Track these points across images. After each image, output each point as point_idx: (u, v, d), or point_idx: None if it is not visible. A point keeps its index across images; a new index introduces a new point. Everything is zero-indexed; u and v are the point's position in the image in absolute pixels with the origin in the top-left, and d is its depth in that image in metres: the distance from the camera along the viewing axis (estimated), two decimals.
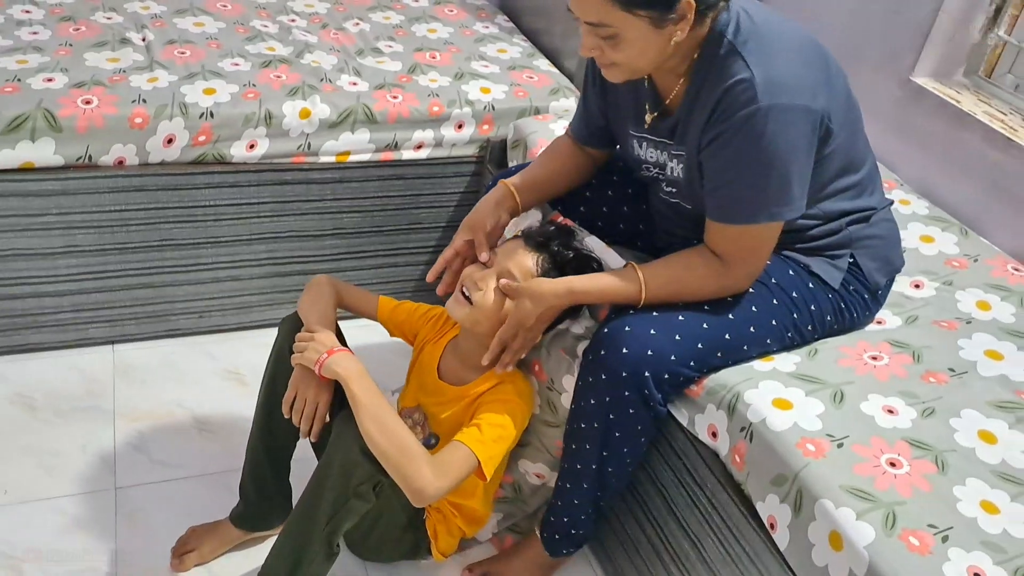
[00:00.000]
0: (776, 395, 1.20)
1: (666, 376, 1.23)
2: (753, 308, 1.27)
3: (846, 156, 1.27)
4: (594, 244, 1.44)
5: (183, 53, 1.90)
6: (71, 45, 1.83)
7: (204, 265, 1.89)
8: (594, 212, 1.54)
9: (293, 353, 1.28)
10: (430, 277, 1.38)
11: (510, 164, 1.93)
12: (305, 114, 1.78)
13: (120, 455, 1.65)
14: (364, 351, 1.39)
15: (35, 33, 1.86)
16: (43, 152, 1.58)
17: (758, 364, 1.28)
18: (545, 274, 1.30)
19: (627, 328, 1.23)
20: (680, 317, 1.24)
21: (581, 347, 1.35)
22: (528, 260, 1.30)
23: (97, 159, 1.64)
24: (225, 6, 2.22)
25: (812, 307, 1.30)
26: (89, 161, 1.63)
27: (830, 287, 1.32)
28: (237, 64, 1.90)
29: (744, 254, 1.21)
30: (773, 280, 1.29)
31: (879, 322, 1.40)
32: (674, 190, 1.34)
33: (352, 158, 1.88)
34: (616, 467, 1.32)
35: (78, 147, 1.61)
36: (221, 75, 1.83)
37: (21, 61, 1.72)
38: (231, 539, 1.49)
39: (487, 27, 2.39)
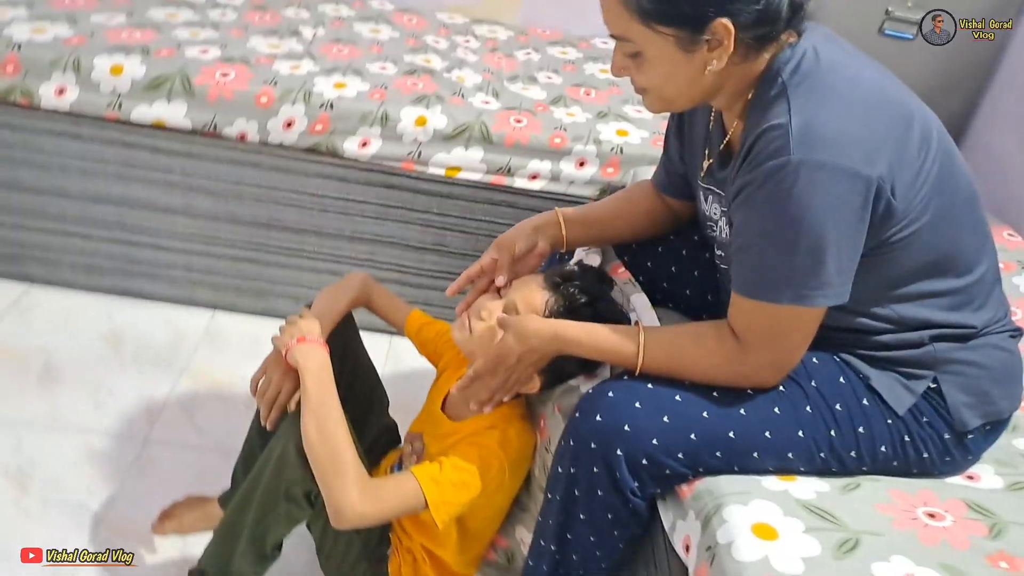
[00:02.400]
0: (762, 519, 0.98)
1: (644, 462, 1.06)
2: (776, 409, 1.06)
3: (936, 251, 1.03)
4: (639, 303, 1.30)
5: (341, 51, 2.04)
6: (247, 28, 2.05)
7: (306, 252, 1.98)
8: (660, 271, 1.40)
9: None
10: (450, 292, 1.32)
11: None
12: (421, 121, 1.82)
13: (166, 409, 1.76)
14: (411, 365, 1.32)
15: (224, 15, 2.10)
16: (175, 113, 1.77)
17: (771, 480, 1.07)
18: (553, 316, 1.18)
19: (610, 394, 1.08)
20: (677, 397, 1.07)
21: None
22: (537, 297, 1.20)
23: (222, 129, 1.80)
24: (411, 20, 2.36)
25: (860, 429, 1.06)
26: (214, 130, 1.80)
27: (891, 411, 1.06)
28: (384, 68, 2.00)
29: (764, 339, 1.02)
30: (813, 383, 1.07)
31: (970, 477, 1.11)
32: (722, 254, 1.18)
33: (462, 175, 1.88)
34: (582, 558, 1.16)
35: (206, 114, 1.78)
36: (361, 74, 1.94)
37: (193, 33, 1.94)
38: (213, 517, 1.52)
39: None
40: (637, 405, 1.06)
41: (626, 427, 1.05)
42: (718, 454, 1.06)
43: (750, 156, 0.98)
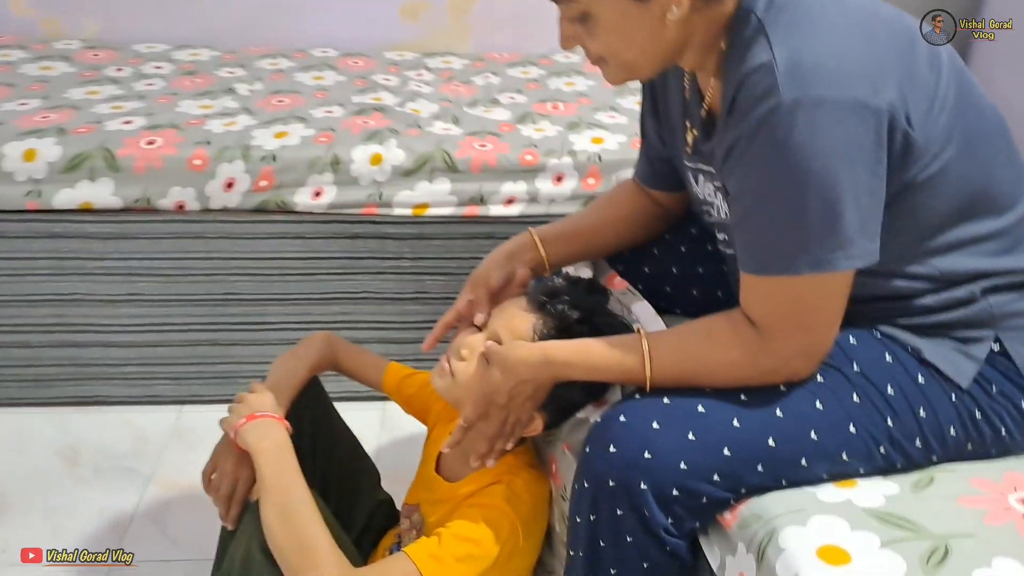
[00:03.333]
0: (827, 540, 0.85)
1: (674, 492, 0.93)
2: (817, 404, 0.93)
3: (969, 188, 0.92)
4: (641, 312, 1.18)
5: (281, 101, 1.96)
6: (176, 94, 1.97)
7: (271, 324, 1.88)
8: (660, 274, 1.29)
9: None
10: (426, 346, 1.21)
11: None
12: (376, 159, 1.73)
13: (134, 523, 1.63)
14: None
15: (150, 84, 2.03)
16: (101, 192, 1.68)
17: (828, 490, 0.93)
18: (544, 340, 1.07)
19: (621, 418, 0.96)
20: (700, 407, 0.94)
21: None
22: (522, 322, 1.08)
23: (156, 202, 1.71)
24: (357, 63, 2.30)
25: (921, 412, 0.93)
26: (148, 204, 1.71)
27: (954, 385, 0.94)
28: (331, 112, 1.92)
29: (787, 322, 0.90)
30: (855, 366, 0.95)
31: None
32: (725, 237, 1.06)
33: (431, 211, 1.78)
34: None
35: (136, 188, 1.69)
36: (304, 120, 1.86)
37: (116, 107, 1.87)
38: None
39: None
40: (655, 426, 0.94)
41: (647, 454, 0.92)
42: (759, 468, 0.93)
43: (734, 109, 0.88)
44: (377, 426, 1.88)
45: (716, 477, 0.93)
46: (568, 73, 2.29)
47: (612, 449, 0.94)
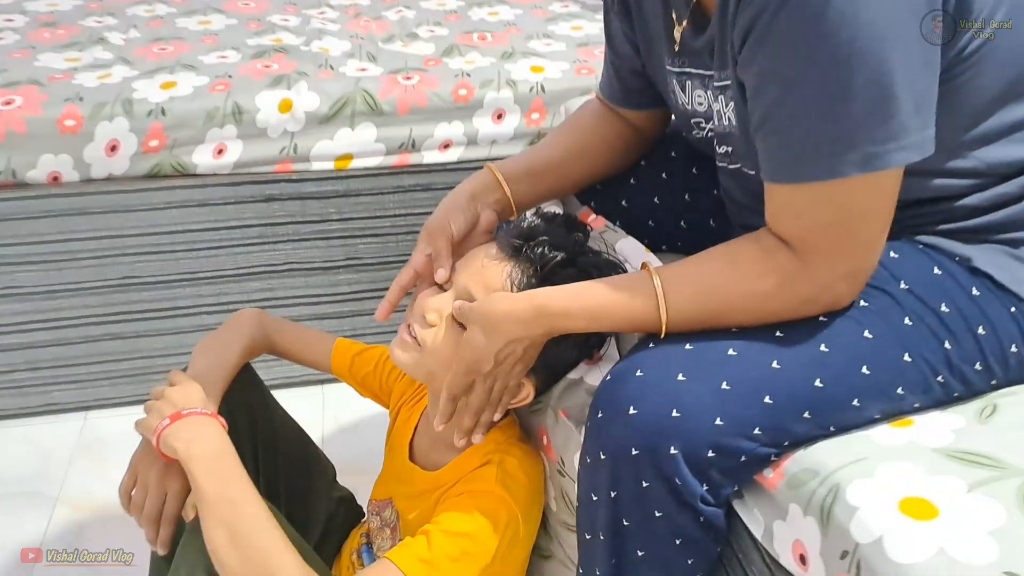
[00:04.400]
0: (906, 491, 0.73)
1: (710, 454, 0.80)
2: (866, 333, 0.81)
3: (1018, 62, 0.80)
4: (628, 249, 1.05)
5: (163, 49, 1.73)
6: (34, 47, 1.72)
7: (183, 309, 1.67)
8: (641, 207, 1.16)
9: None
10: (380, 315, 1.04)
11: None
12: (286, 106, 1.53)
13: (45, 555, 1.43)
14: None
15: (1, 39, 1.76)
16: None
17: (883, 432, 0.82)
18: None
19: (638, 372, 0.82)
20: (731, 350, 0.81)
21: None
22: (496, 273, 0.93)
23: (24, 175, 1.47)
24: (248, 3, 2.07)
25: (980, 330, 0.82)
26: (14, 178, 1.47)
27: (1011, 295, 0.83)
28: (225, 57, 1.71)
29: (830, 238, 0.77)
30: (903, 285, 0.83)
31: None
32: (729, 149, 0.93)
33: (356, 163, 1.60)
34: None
35: None
36: (195, 68, 1.64)
37: None
38: None
39: (566, 6, 2.08)
40: (681, 378, 0.80)
41: (674, 412, 0.79)
42: (806, 415, 0.81)
43: None
44: (319, 412, 1.71)
45: (756, 431, 0.80)
46: (490, 2, 2.11)
47: (632, 411, 0.80)
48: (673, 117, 1.12)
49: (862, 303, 0.82)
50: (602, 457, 0.83)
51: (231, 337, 1.09)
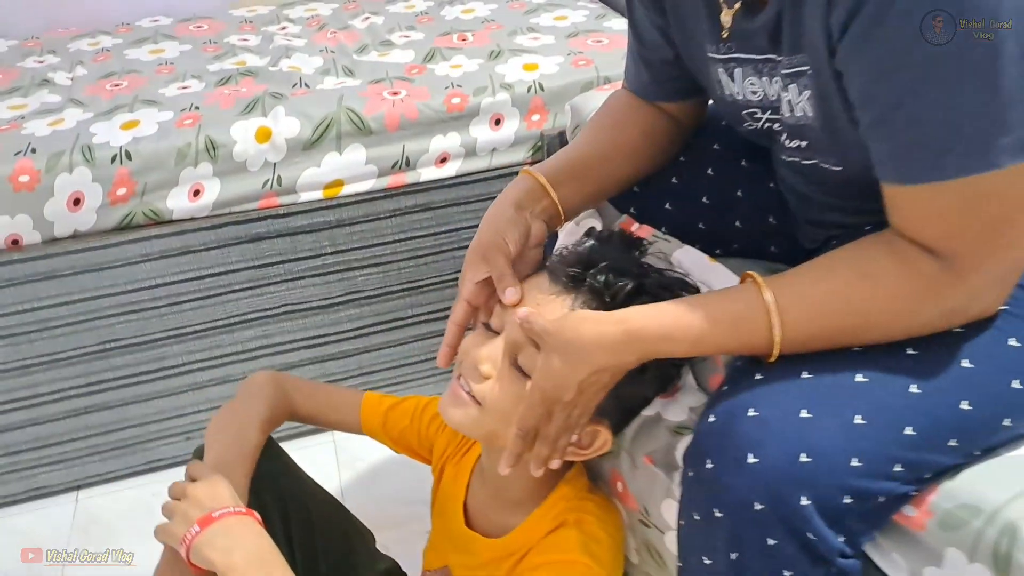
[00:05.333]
0: None
1: (847, 500, 0.68)
2: (1012, 342, 0.70)
3: None
4: (689, 260, 0.93)
5: (117, 86, 1.57)
6: None
7: (173, 368, 1.52)
8: (689, 207, 1.04)
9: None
10: (442, 362, 0.90)
11: None
12: (264, 135, 1.39)
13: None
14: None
15: None
16: None
17: None
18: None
19: (752, 411, 0.70)
20: (859, 376, 0.69)
21: (682, 447, 0.82)
22: (555, 310, 0.80)
23: None
24: (199, 26, 1.91)
25: None
26: None
27: None
28: (186, 87, 1.55)
29: (982, 239, 0.65)
30: None
31: None
32: (802, 143, 0.81)
33: (347, 189, 1.46)
34: None
35: None
36: (156, 103, 1.48)
37: None
38: None
39: None
40: (805, 414, 0.68)
41: (803, 457, 0.67)
42: (952, 443, 0.69)
43: None
44: (332, 460, 1.57)
45: (898, 468, 0.69)
46: (461, 0, 1.98)
47: (751, 459, 0.68)
48: (711, 104, 1.00)
49: (1006, 309, 0.71)
50: (717, 515, 0.71)
51: (248, 410, 0.95)
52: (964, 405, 0.69)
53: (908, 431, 0.68)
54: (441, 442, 1.03)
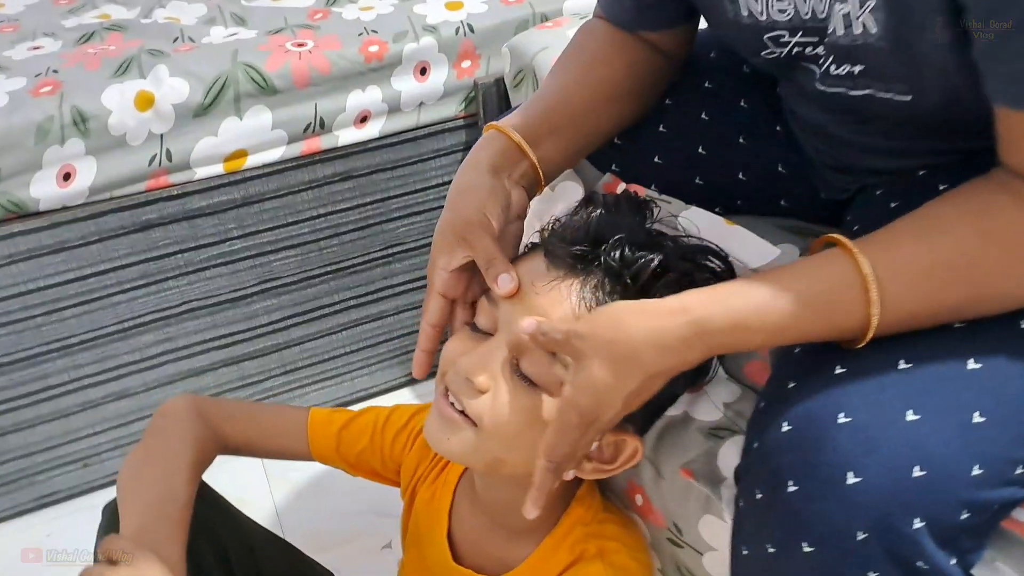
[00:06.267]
0: None
1: (964, 516, 0.55)
2: None
3: None
4: (703, 223, 0.77)
5: None
6: None
7: (58, 387, 1.28)
8: (682, 160, 0.89)
9: None
10: (419, 372, 0.73)
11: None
12: (145, 101, 1.15)
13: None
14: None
15: None
16: None
17: None
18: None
19: (842, 417, 0.55)
20: (972, 362, 0.56)
21: (727, 456, 0.68)
22: (558, 299, 0.64)
23: None
24: None
25: None
26: None
27: None
28: (38, 48, 1.29)
29: None
30: None
31: None
32: (856, 68, 0.66)
33: (252, 160, 1.24)
34: None
35: None
36: (4, 68, 1.22)
37: None
38: None
39: None
40: (912, 416, 0.55)
41: (916, 471, 0.54)
42: None
43: None
44: (262, 481, 1.38)
45: (1019, 470, 0.57)
46: None
47: (852, 479, 0.54)
48: (707, 27, 0.84)
49: None
50: (806, 549, 0.57)
51: (168, 453, 0.76)
52: None
53: None
54: (411, 461, 0.86)
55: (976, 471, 0.54)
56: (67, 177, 1.14)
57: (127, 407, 1.34)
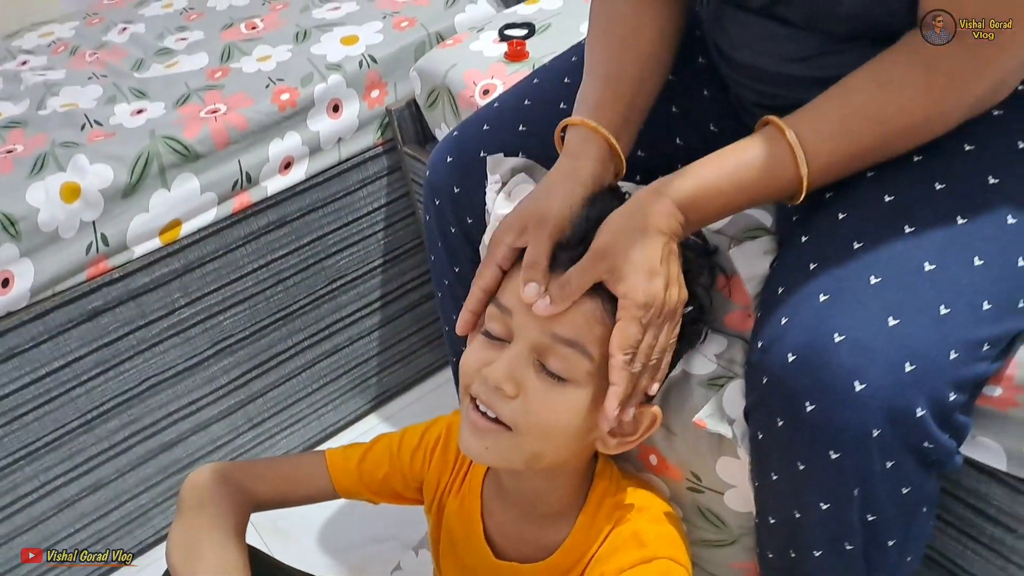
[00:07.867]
0: None
1: (952, 397, 0.64)
2: None
3: None
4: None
5: None
6: None
7: (29, 495, 1.26)
8: (659, 155, 0.95)
9: None
10: (463, 328, 0.76)
11: (437, 131, 1.32)
12: (72, 193, 1.15)
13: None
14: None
15: None
16: None
17: None
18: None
19: (837, 336, 0.64)
20: (928, 264, 0.66)
21: (731, 400, 0.76)
22: (581, 305, 0.70)
23: None
24: None
25: None
26: None
27: None
28: None
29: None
30: None
31: None
32: None
33: (188, 227, 1.25)
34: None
35: None
36: None
37: None
38: None
39: None
40: (893, 321, 0.63)
41: (907, 366, 0.63)
42: (1022, 303, 0.68)
43: None
44: (258, 543, 1.39)
45: (986, 347, 0.66)
46: None
47: (859, 386, 0.62)
48: None
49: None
50: (834, 456, 0.65)
51: (212, 521, 0.78)
52: (1021, 262, 0.67)
53: (986, 306, 0.65)
54: (432, 477, 0.90)
55: (953, 355, 0.63)
56: (5, 283, 1.13)
57: (104, 497, 1.33)
